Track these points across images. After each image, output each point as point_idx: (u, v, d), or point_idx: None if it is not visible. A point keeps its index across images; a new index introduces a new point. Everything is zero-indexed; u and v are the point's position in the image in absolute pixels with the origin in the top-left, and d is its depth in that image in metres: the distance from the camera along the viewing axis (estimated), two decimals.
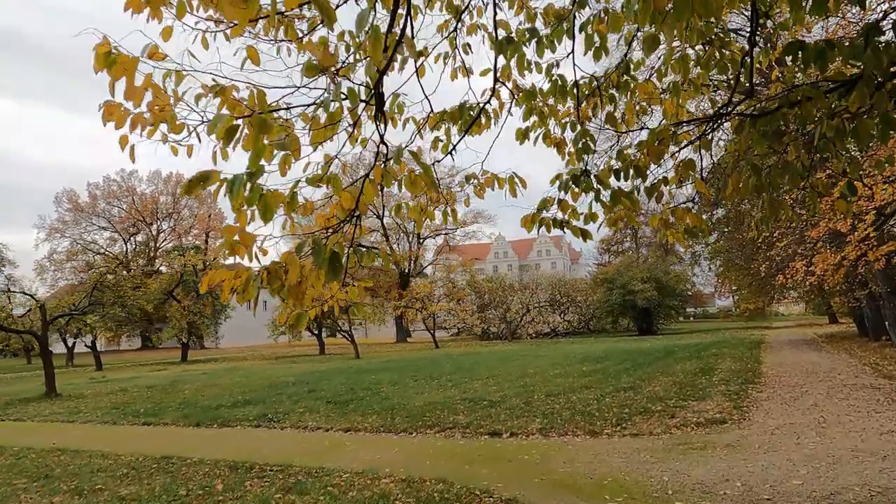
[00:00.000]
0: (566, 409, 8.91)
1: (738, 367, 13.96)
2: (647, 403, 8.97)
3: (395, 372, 17.68)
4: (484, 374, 15.48)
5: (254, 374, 19.84)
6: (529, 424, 7.82)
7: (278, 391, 13.52)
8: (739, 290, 45.82)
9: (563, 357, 20.90)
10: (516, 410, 9.00)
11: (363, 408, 10.18)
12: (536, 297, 48.54)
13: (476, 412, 9.07)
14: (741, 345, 22.02)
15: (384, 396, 11.64)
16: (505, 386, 12.52)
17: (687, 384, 11.02)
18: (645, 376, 12.69)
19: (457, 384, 13.40)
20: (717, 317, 79.26)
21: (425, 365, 20.40)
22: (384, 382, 14.47)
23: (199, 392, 14.38)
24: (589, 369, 15.34)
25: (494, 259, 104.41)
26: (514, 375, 14.79)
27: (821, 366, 13.82)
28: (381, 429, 8.19)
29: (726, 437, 6.61)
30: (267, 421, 9.37)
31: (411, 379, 15.07)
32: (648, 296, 38.75)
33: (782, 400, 9.00)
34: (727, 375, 12.22)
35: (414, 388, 13.11)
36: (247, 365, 26.23)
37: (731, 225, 18.93)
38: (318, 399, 11.72)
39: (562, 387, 11.64)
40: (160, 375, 21.42)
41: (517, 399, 10.27)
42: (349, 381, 15.42)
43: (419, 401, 10.73)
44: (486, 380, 14.09)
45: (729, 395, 9.44)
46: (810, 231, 9.79)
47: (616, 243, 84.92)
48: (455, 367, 18.25)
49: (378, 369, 19.02)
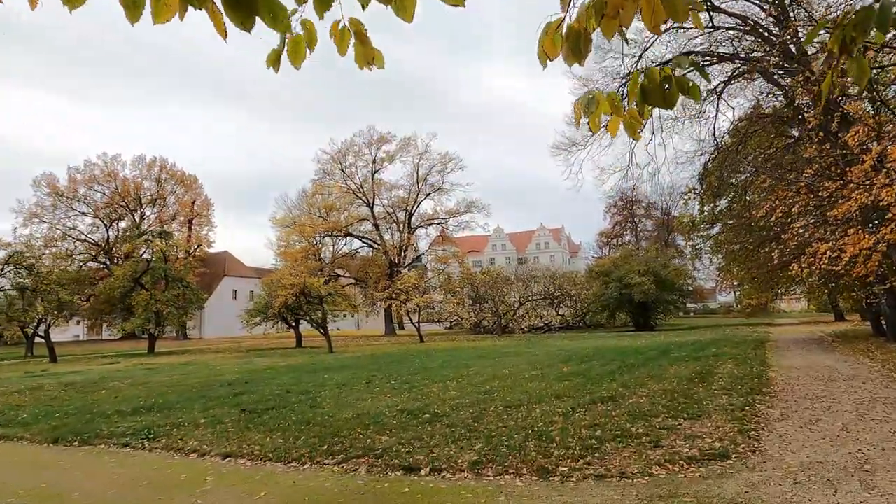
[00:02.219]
0: (521, 429, 6.91)
1: (741, 371, 11.95)
2: (627, 422, 6.97)
3: (354, 371, 15.72)
4: (450, 375, 13.52)
5: (200, 371, 17.89)
6: (463, 454, 5.83)
7: (201, 394, 11.55)
8: (742, 286, 43.89)
9: (546, 355, 18.93)
10: (457, 430, 7.00)
11: (275, 421, 8.20)
12: (530, 291, 46.54)
13: (407, 431, 7.08)
14: (744, 343, 20.02)
15: (314, 404, 9.66)
16: (466, 391, 10.54)
17: (680, 394, 9.01)
18: (631, 382, 10.68)
19: (412, 388, 11.44)
20: (718, 313, 77.29)
21: (393, 362, 18.45)
22: (330, 385, 12.51)
23: (115, 393, 12.42)
24: (571, 371, 13.37)
25: (492, 251, 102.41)
26: (484, 377, 12.82)
27: (839, 371, 11.80)
28: (271, 455, 6.20)
29: (729, 487, 4.60)
30: (141, 438, 7.38)
31: (365, 380, 13.10)
32: (646, 289, 36.69)
33: (801, 420, 6.99)
34: (729, 382, 10.21)
35: (359, 392, 11.14)
36: (206, 359, 24.31)
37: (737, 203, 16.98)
38: (235, 406, 9.74)
39: (530, 394, 9.65)
40: (101, 370, 19.49)
41: (468, 411, 8.27)
42: (293, 381, 13.46)
43: (351, 411, 8.75)
44: (449, 382, 12.13)
45: (731, 413, 7.43)
46: (838, 207, 7.74)
47: (616, 236, 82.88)
48: (422, 366, 16.28)
49: (338, 367, 17.07)
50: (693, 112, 21.36)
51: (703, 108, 20.89)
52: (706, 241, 32.64)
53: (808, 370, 12.22)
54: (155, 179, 59.21)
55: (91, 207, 56.31)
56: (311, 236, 55.80)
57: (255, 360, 22.58)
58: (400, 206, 55.33)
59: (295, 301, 26.86)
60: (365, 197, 54.69)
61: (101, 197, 56.95)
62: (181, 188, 60.36)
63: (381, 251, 53.60)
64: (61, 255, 53.45)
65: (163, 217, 59.18)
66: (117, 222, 58.40)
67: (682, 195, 31.21)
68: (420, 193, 54.38)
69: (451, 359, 19.19)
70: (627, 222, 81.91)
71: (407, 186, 55.06)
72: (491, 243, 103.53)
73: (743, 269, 24.92)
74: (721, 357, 15.15)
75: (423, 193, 54.45)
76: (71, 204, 55.70)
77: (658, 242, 62.64)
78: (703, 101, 20.58)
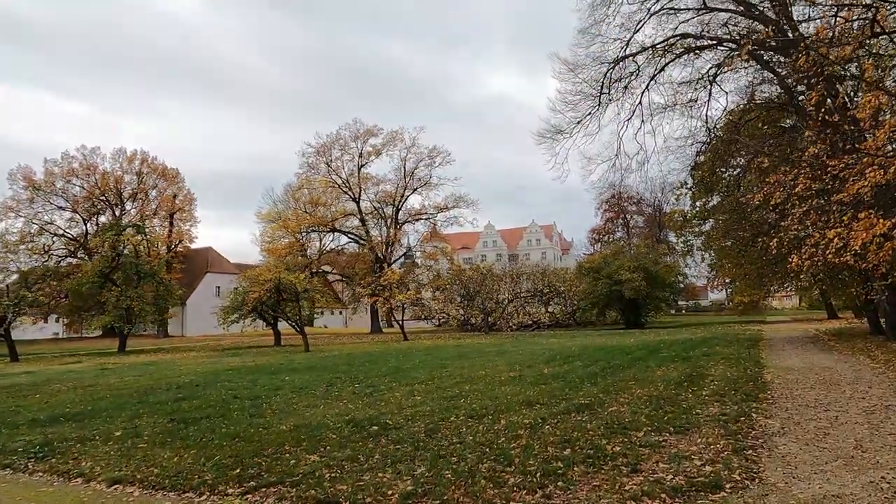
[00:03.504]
0: (478, 446, 5.85)
1: (734, 373, 10.97)
2: (603, 438, 5.93)
3: (319, 372, 14.63)
4: (421, 377, 12.46)
5: (159, 371, 16.74)
6: (399, 481, 4.76)
7: (139, 399, 10.41)
8: (734, 283, 43.09)
9: (529, 355, 17.92)
10: (403, 448, 5.93)
11: (200, 433, 7.10)
12: (518, 288, 45.53)
13: (345, 448, 6.00)
14: (736, 342, 19.09)
15: (256, 413, 8.56)
16: (431, 397, 9.49)
17: (666, 401, 7.99)
18: (614, 386, 9.66)
19: (374, 393, 10.37)
20: (710, 310, 76.76)
21: (367, 362, 17.36)
22: (286, 388, 11.41)
23: (48, 398, 11.26)
24: (551, 372, 12.35)
25: (483, 248, 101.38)
26: (456, 379, 11.78)
27: (840, 373, 10.84)
28: (167, 482, 5.10)
29: None
30: (29, 457, 6.25)
31: (327, 383, 12.01)
32: (636, 286, 35.75)
33: (806, 435, 5.97)
34: (721, 386, 9.21)
35: (314, 398, 10.05)
36: (174, 359, 23.12)
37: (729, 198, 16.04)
38: (168, 414, 8.63)
39: (500, 401, 8.60)
40: (55, 370, 18.28)
41: (424, 422, 7.21)
42: (249, 384, 12.34)
43: (293, 421, 7.66)
44: (418, 386, 11.08)
45: (724, 425, 6.40)
46: (848, 187, 6.72)
47: (607, 233, 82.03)
48: (395, 367, 15.21)
49: (304, 368, 15.96)
50: (685, 99, 20.37)
51: (696, 95, 19.89)
52: (697, 238, 31.85)
53: (807, 372, 11.25)
54: (136, 173, 57.62)
55: (69, 202, 54.64)
56: (295, 232, 54.52)
57: (225, 360, 21.43)
58: (387, 201, 54.12)
59: (269, 297, 25.67)
60: (351, 192, 53.45)
61: (80, 191, 55.31)
62: (163, 182, 58.81)
63: (368, 247, 52.40)
64: (38, 250, 51.94)
65: (144, 212, 57.60)
66: (97, 217, 56.79)
67: (674, 190, 30.37)
68: (407, 188, 53.19)
69: (428, 358, 18.14)
70: (619, 219, 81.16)
71: (394, 181, 53.90)
72: (482, 240, 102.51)
73: (735, 264, 24.06)
74: (713, 357, 14.18)
75: (411, 188, 53.27)
76: (48, 198, 54.03)
77: (650, 239, 61.84)
78: (694, 88, 19.63)
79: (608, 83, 19.12)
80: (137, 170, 57.50)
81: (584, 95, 19.19)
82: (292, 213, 56.31)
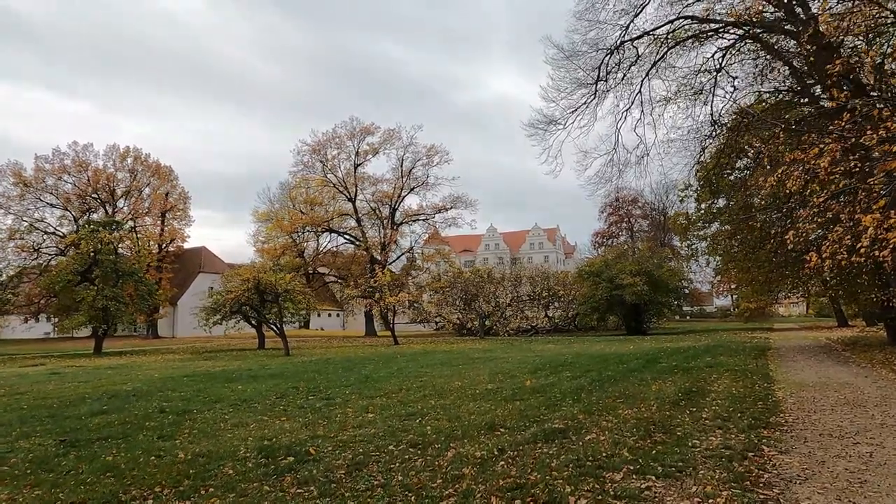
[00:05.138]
0: (402, 492, 4.47)
1: (740, 389, 9.54)
2: (567, 483, 4.53)
3: (280, 380, 13.27)
4: (387, 389, 11.11)
5: (112, 377, 15.43)
6: None
7: (52, 413, 9.07)
8: (740, 288, 41.46)
9: (518, 363, 16.53)
10: (303, 491, 4.56)
11: (77, 461, 5.75)
12: (516, 291, 44.02)
13: (231, 491, 4.63)
14: (742, 352, 17.61)
15: (167, 433, 7.20)
16: (384, 415, 8.11)
17: (658, 426, 6.58)
18: (598, 405, 8.24)
19: (324, 407, 9.01)
20: (715, 316, 75.09)
21: (340, 370, 16.00)
22: (230, 399, 10.06)
23: None
24: (533, 385, 10.97)
25: (485, 251, 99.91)
26: (423, 393, 10.40)
27: (863, 391, 9.38)
28: None
29: None
30: None
31: (278, 395, 10.66)
32: (638, 291, 34.21)
33: (835, 482, 4.55)
34: (725, 407, 7.79)
35: (252, 413, 8.69)
36: (144, 362, 21.85)
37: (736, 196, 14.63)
38: (66, 433, 7.29)
39: (460, 422, 7.21)
40: (3, 374, 17.00)
41: (355, 452, 5.83)
42: (194, 394, 10.99)
43: (203, 446, 6.30)
44: (378, 400, 9.71)
45: (728, 464, 4.99)
46: (881, 166, 5.31)
47: (611, 237, 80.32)
48: (366, 376, 13.84)
49: (268, 375, 14.61)
50: (688, 91, 18.92)
51: (700, 86, 18.44)
52: (703, 241, 30.39)
53: (824, 389, 9.79)
54: (129, 170, 56.55)
55: (60, 199, 53.62)
56: (290, 231, 53.29)
57: (196, 364, 20.11)
58: (384, 201, 52.79)
59: (248, 298, 24.34)
60: (347, 191, 52.16)
61: (72, 188, 54.29)
62: (157, 180, 57.71)
63: (363, 248, 51.06)
64: (26, 248, 50.96)
65: (137, 210, 56.51)
66: (88, 215, 55.73)
67: (679, 192, 28.82)
68: (404, 188, 51.86)
69: (409, 366, 16.76)
70: (623, 222, 79.41)
71: (391, 180, 52.60)
72: (484, 243, 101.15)
73: (742, 269, 22.60)
74: (716, 369, 12.73)
75: (408, 188, 51.94)
76: (39, 195, 53.06)
77: (654, 242, 60.25)
78: (699, 80, 18.21)
79: (605, 70, 17.73)
80: (131, 167, 56.44)
81: (579, 83, 17.79)
82: (287, 212, 55.13)
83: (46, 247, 53.45)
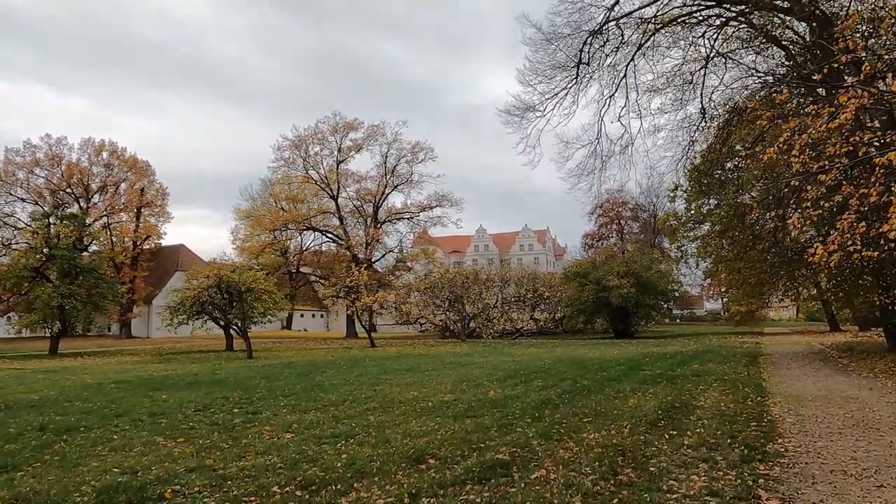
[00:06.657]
0: None
1: (731, 404, 8.22)
2: None
3: (217, 388, 11.83)
4: (329, 400, 9.73)
5: (37, 382, 13.90)
6: None
7: None
8: (730, 291, 40.38)
9: (490, 369, 15.16)
10: None
11: None
12: (502, 293, 42.69)
13: None
14: (732, 358, 16.36)
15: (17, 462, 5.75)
16: (302, 437, 6.72)
17: (628, 458, 5.22)
18: (561, 424, 6.87)
19: (241, 425, 7.60)
20: (705, 320, 74.17)
21: (294, 375, 14.60)
22: (138, 412, 8.62)
23: None
24: (497, 396, 9.63)
25: (475, 252, 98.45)
26: (366, 406, 9.02)
27: (871, 407, 8.09)
28: None
29: None
30: None
31: (201, 407, 9.23)
32: (625, 293, 32.97)
33: None
34: (712, 430, 6.45)
35: (145, 433, 7.25)
36: (93, 364, 20.27)
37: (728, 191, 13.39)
38: None
39: (384, 450, 5.82)
40: None
41: (226, 496, 4.43)
42: (100, 405, 9.51)
43: (42, 483, 4.87)
44: (311, 415, 8.32)
45: None
46: None
47: (601, 238, 79.21)
48: (314, 385, 12.38)
49: (208, 382, 13.13)
50: (676, 80, 17.67)
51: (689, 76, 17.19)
52: (693, 242, 29.25)
53: (827, 404, 8.49)
54: (104, 165, 54.69)
55: (32, 193, 51.68)
56: (271, 229, 51.66)
57: (147, 367, 18.56)
58: (367, 199, 51.29)
59: (210, 297, 22.81)
60: (329, 188, 50.60)
61: (44, 182, 52.37)
62: (133, 175, 55.87)
63: (345, 246, 49.53)
64: None
65: (113, 205, 54.63)
66: (61, 210, 53.69)
67: (669, 192, 27.63)
68: (388, 185, 50.38)
69: (370, 371, 15.37)
70: (613, 224, 78.36)
71: (375, 178, 51.10)
72: (473, 244, 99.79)
73: (733, 269, 21.44)
74: (704, 378, 11.43)
75: (392, 185, 50.47)
76: (9, 189, 51.10)
77: (644, 243, 59.17)
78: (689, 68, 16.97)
79: (589, 53, 16.43)
80: (106, 161, 54.57)
81: (559, 66, 16.47)
82: (267, 209, 53.55)
83: (17, 243, 51.51)
